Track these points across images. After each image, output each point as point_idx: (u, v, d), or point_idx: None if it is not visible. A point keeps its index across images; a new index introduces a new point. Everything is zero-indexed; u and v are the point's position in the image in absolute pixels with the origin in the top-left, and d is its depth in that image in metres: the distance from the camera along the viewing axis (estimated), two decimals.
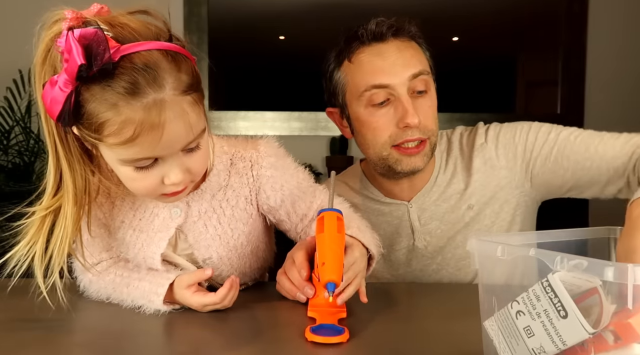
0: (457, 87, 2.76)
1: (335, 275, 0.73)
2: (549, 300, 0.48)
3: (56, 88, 0.68)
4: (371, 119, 1.05)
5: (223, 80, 2.87)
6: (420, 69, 1.04)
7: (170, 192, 0.79)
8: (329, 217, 0.79)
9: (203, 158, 0.80)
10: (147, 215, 0.89)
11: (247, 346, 0.72)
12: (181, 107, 0.71)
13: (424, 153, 1.06)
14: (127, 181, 0.78)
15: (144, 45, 0.69)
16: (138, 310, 0.87)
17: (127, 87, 0.67)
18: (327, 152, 2.80)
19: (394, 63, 1.03)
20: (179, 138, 0.73)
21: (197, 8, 2.81)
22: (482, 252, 0.58)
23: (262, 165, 0.92)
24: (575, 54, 2.82)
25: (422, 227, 1.12)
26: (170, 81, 0.70)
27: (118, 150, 0.71)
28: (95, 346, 0.73)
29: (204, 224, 0.90)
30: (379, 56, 1.04)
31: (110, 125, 0.68)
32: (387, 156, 1.06)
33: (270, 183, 0.93)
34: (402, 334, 0.76)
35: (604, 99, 2.81)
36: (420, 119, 1.02)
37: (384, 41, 1.05)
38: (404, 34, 1.07)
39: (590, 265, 0.46)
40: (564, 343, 0.48)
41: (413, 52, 1.06)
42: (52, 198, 0.77)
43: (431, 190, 1.13)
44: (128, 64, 0.68)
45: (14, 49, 3.03)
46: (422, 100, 1.05)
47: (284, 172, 0.95)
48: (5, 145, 2.60)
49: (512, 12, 2.82)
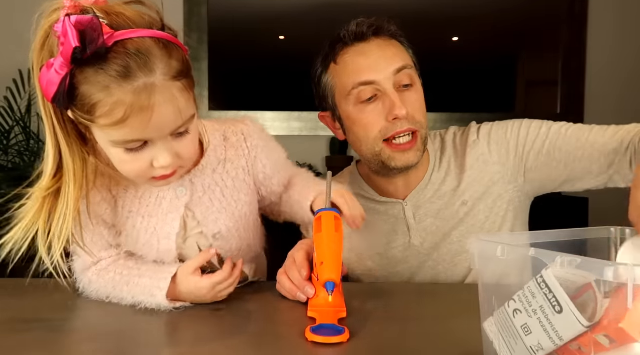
0: (457, 86, 2.77)
1: (334, 274, 0.73)
2: (544, 296, 0.49)
3: (52, 70, 0.71)
4: (361, 115, 1.08)
5: (223, 80, 2.87)
6: (403, 63, 1.08)
7: (160, 176, 0.81)
8: (327, 217, 0.80)
9: (192, 143, 0.82)
10: (154, 200, 0.91)
11: (248, 346, 0.72)
12: (171, 92, 0.74)
13: (416, 148, 1.08)
14: (119, 163, 0.80)
15: (137, 33, 0.72)
16: (139, 308, 0.87)
17: (120, 70, 0.70)
18: (327, 152, 2.80)
19: (377, 60, 1.07)
20: (168, 122, 0.75)
21: (197, 8, 2.81)
22: (482, 252, 0.58)
23: (254, 137, 0.98)
24: (575, 54, 2.82)
25: (417, 224, 1.14)
26: (161, 67, 0.72)
27: (109, 131, 0.74)
28: (95, 346, 0.73)
29: (209, 198, 0.93)
30: (362, 55, 1.08)
31: (102, 106, 0.71)
32: (379, 152, 1.08)
33: (265, 152, 0.99)
34: (402, 333, 0.76)
35: (604, 98, 2.81)
36: (408, 110, 1.05)
37: (365, 41, 1.09)
38: (384, 33, 1.11)
39: (584, 262, 0.46)
40: (560, 338, 0.48)
41: (395, 49, 1.09)
42: (52, 179, 0.79)
43: (426, 188, 1.15)
44: (121, 49, 0.71)
45: (14, 49, 3.03)
46: (408, 93, 1.08)
47: (271, 143, 1.02)
48: (5, 145, 2.60)
49: (513, 12, 2.82)
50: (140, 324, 0.82)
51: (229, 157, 0.95)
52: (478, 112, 2.76)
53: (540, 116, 1.16)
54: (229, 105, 2.85)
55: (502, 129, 1.13)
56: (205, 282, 0.88)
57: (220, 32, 2.83)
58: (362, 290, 1.03)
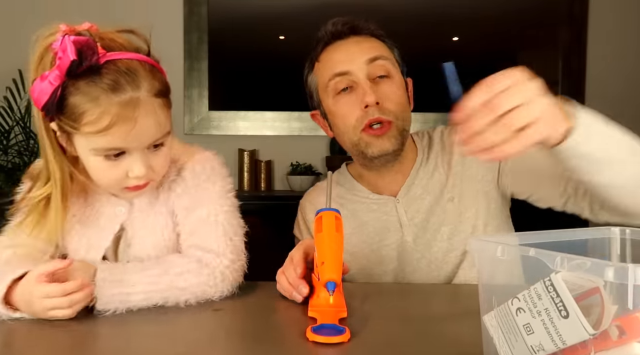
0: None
1: (335, 274, 0.74)
2: (550, 300, 0.48)
3: (45, 82, 0.79)
4: (338, 106, 1.12)
5: (223, 80, 2.87)
6: (376, 54, 1.10)
7: (133, 186, 0.88)
8: (327, 217, 0.80)
9: (165, 159, 0.90)
10: (94, 212, 0.95)
11: (248, 346, 0.72)
12: (153, 107, 0.83)
13: (390, 135, 1.09)
14: (96, 172, 0.87)
15: (126, 55, 0.83)
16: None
17: (110, 83, 0.79)
18: (327, 152, 2.80)
19: (352, 53, 1.10)
20: (148, 133, 0.84)
21: (197, 8, 2.81)
22: (482, 252, 0.58)
23: (189, 177, 0.97)
24: (575, 54, 2.82)
25: (409, 221, 1.15)
26: (146, 85, 0.82)
27: (93, 138, 0.81)
28: (94, 347, 0.73)
29: (142, 221, 0.96)
30: (339, 50, 1.12)
31: (90, 114, 0.80)
32: (358, 141, 1.11)
33: (189, 195, 0.96)
34: (402, 333, 0.76)
35: (604, 98, 2.81)
36: (378, 99, 1.07)
37: (343, 39, 1.13)
38: (362, 32, 1.14)
39: (593, 266, 0.46)
40: (563, 342, 0.48)
41: (371, 44, 1.12)
42: (43, 186, 0.89)
43: (413, 183, 1.16)
44: (112, 67, 0.80)
45: (14, 49, 3.03)
46: (382, 84, 1.10)
47: (203, 192, 0.97)
48: (5, 145, 2.60)
49: (513, 11, 2.82)
50: (139, 325, 0.82)
51: (172, 186, 0.97)
52: None
53: None
54: (229, 105, 2.85)
55: None
56: (40, 289, 0.79)
57: (220, 32, 2.83)
58: (362, 290, 1.03)
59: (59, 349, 0.74)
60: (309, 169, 2.72)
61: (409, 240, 1.15)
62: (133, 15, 2.82)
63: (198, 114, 2.82)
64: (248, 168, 2.76)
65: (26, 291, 0.80)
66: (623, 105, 2.80)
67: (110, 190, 0.92)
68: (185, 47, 2.82)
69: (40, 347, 0.73)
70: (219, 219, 0.94)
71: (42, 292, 0.79)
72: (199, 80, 2.83)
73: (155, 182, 0.93)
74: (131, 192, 0.91)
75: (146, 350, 0.72)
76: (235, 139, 2.82)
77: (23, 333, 0.79)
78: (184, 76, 2.82)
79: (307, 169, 2.71)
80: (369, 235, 1.17)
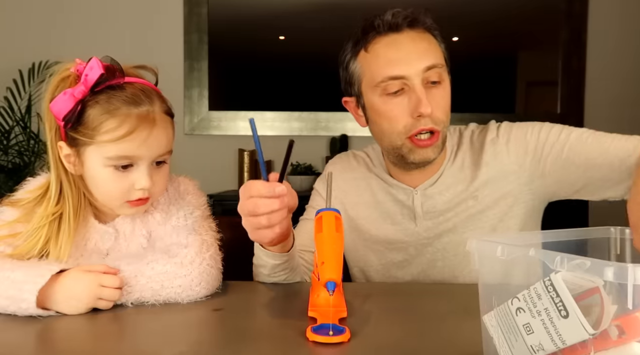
0: (457, 87, 2.76)
1: (335, 274, 0.73)
2: (550, 300, 0.48)
3: (68, 95, 0.87)
4: (386, 107, 1.08)
5: (223, 80, 2.87)
6: (434, 61, 1.06)
7: (135, 199, 0.93)
8: (327, 217, 0.80)
9: (165, 178, 0.98)
10: (82, 236, 0.96)
11: (248, 346, 0.72)
12: (164, 121, 0.94)
13: (436, 145, 1.08)
14: (103, 183, 0.92)
15: (141, 80, 0.95)
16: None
17: (129, 97, 0.89)
18: (327, 152, 2.80)
19: (408, 54, 1.05)
20: (160, 144, 0.92)
21: (197, 8, 2.81)
22: (482, 252, 0.58)
23: (159, 201, 1.01)
24: (575, 54, 2.82)
25: (424, 214, 1.15)
26: (158, 104, 0.93)
27: (108, 147, 0.89)
28: (95, 347, 0.73)
29: (127, 246, 0.98)
30: (393, 47, 1.06)
31: (110, 123, 0.88)
32: (400, 146, 1.09)
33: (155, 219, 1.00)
34: (402, 333, 0.76)
35: (604, 98, 2.81)
36: (432, 108, 1.05)
37: (399, 32, 1.07)
38: (419, 25, 1.08)
39: (593, 265, 0.46)
40: (563, 342, 0.48)
41: (427, 45, 1.08)
42: (55, 206, 0.93)
43: (437, 180, 1.15)
44: (130, 86, 0.91)
45: (14, 49, 3.04)
46: (435, 90, 1.07)
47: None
48: (5, 145, 2.60)
49: (512, 11, 2.82)
50: (139, 324, 0.83)
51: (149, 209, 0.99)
52: (478, 112, 2.76)
53: (540, 116, 1.16)
54: (229, 105, 2.85)
55: (522, 130, 1.13)
56: (90, 277, 0.85)
57: (220, 32, 2.83)
58: (362, 290, 1.03)
59: (58, 348, 0.74)
60: (309, 169, 2.72)
61: (420, 232, 1.15)
62: (133, 15, 2.82)
63: (198, 114, 2.82)
64: (248, 168, 2.76)
65: (71, 285, 0.85)
66: (623, 105, 2.80)
67: (112, 204, 0.95)
68: (185, 47, 2.82)
69: (37, 346, 0.73)
70: (188, 222, 0.98)
71: (97, 278, 0.86)
72: (199, 80, 2.83)
73: (154, 200, 0.98)
74: (131, 208, 0.95)
75: (146, 350, 0.72)
76: (235, 139, 2.83)
77: (22, 333, 0.79)
78: (184, 76, 2.82)
79: (307, 169, 2.71)
80: (382, 214, 1.18)
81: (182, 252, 0.93)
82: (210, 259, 0.94)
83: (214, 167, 2.79)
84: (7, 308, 0.83)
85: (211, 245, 0.97)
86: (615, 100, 2.81)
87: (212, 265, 0.94)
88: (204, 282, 0.92)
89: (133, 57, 0.95)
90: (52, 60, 2.67)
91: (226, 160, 2.84)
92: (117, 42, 2.78)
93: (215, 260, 0.96)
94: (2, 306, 0.83)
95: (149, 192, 0.94)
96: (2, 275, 0.84)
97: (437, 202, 1.14)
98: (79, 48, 2.74)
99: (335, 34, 1.13)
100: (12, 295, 0.82)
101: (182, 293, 0.91)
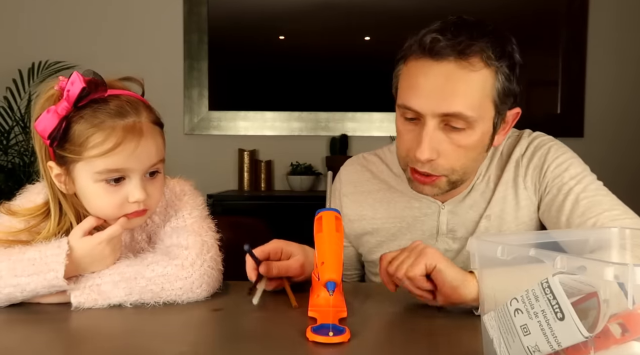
0: None
1: (335, 274, 0.74)
2: (547, 302, 0.48)
3: (51, 113, 0.85)
4: (400, 127, 1.01)
5: (223, 80, 2.87)
6: (460, 110, 0.92)
7: (132, 212, 0.91)
8: (327, 217, 0.80)
9: (160, 188, 0.96)
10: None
11: (248, 346, 0.72)
12: (153, 131, 0.91)
13: (435, 185, 0.99)
14: (97, 199, 0.90)
15: (126, 92, 0.93)
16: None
17: (115, 110, 0.88)
18: (327, 152, 2.80)
19: (432, 91, 0.93)
20: (149, 154, 0.90)
21: (197, 8, 2.81)
22: (482, 252, 0.58)
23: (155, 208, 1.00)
24: (575, 54, 2.82)
25: (448, 232, 1.09)
26: (145, 114, 0.91)
27: (96, 161, 0.87)
28: (95, 346, 0.73)
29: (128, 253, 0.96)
30: (422, 75, 0.95)
31: (96, 137, 0.86)
32: (404, 169, 1.03)
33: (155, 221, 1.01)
34: (403, 333, 0.76)
35: (604, 98, 2.81)
36: (433, 156, 0.95)
37: (437, 60, 0.93)
38: (474, 55, 0.94)
39: (591, 269, 0.46)
40: (559, 344, 0.48)
41: (465, 87, 0.93)
42: (57, 226, 0.93)
43: (468, 195, 1.08)
44: (115, 98, 0.89)
45: (14, 49, 3.03)
46: (454, 135, 0.95)
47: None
48: (5, 145, 2.60)
49: (512, 11, 2.82)
50: (140, 324, 0.83)
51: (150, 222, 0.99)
52: None
53: (540, 116, 1.14)
54: (229, 105, 2.85)
55: (543, 154, 1.07)
56: (99, 236, 0.88)
57: (220, 32, 2.83)
58: (362, 290, 1.03)
59: (57, 348, 0.74)
60: (309, 169, 2.72)
61: (440, 249, 1.04)
62: (133, 15, 2.82)
63: (198, 114, 2.81)
64: (248, 168, 2.76)
65: (84, 246, 0.88)
66: (623, 105, 2.80)
67: (110, 218, 0.92)
68: (185, 47, 2.82)
69: (37, 346, 0.73)
70: (187, 222, 0.98)
71: (106, 235, 0.89)
72: (199, 80, 2.83)
73: (151, 212, 0.96)
74: (129, 221, 0.92)
75: (146, 350, 0.72)
76: (235, 139, 2.83)
77: (20, 331, 0.79)
78: (184, 76, 2.82)
79: (307, 169, 2.71)
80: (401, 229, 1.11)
81: (182, 254, 0.92)
82: (211, 261, 0.94)
83: (213, 167, 2.79)
84: (26, 287, 0.85)
85: (212, 246, 0.96)
86: (615, 100, 2.81)
87: (212, 267, 0.94)
88: (204, 284, 0.92)
89: (133, 57, 0.95)
90: (52, 60, 2.67)
91: (226, 160, 2.84)
92: (117, 42, 2.78)
93: (216, 262, 0.95)
94: (20, 285, 0.85)
95: (145, 204, 0.92)
96: (15, 258, 0.86)
97: (463, 220, 1.08)
98: (78, 48, 2.74)
99: (336, 34, 1.12)
100: (36, 271, 0.85)
101: (182, 295, 0.90)
